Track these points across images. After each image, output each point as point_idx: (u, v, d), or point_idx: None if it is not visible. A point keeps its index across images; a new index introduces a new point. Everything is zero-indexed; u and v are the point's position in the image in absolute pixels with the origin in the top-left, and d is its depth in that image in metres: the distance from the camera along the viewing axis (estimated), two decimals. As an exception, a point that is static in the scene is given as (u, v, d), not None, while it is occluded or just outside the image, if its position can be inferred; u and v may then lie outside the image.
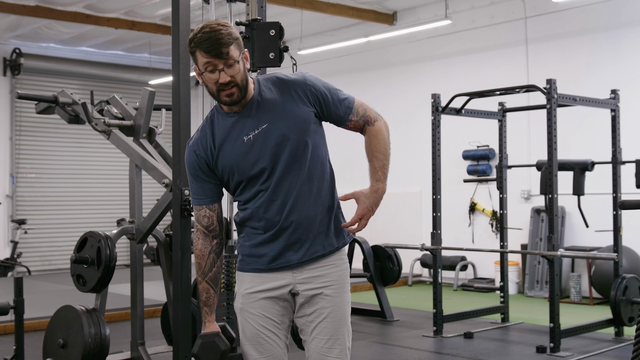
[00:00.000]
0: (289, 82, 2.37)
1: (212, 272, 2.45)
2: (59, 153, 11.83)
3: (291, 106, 2.34)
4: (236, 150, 2.33)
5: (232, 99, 2.29)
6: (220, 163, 2.36)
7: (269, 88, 2.37)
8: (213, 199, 2.43)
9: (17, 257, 10.68)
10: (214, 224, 2.44)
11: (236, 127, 2.34)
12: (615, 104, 6.02)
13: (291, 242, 2.35)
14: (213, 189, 2.42)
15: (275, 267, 2.37)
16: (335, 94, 2.42)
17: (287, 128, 2.32)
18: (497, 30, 9.19)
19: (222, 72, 2.24)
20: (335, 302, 2.40)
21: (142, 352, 4.54)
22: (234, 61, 2.25)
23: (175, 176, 3.91)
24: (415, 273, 9.65)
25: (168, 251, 4.36)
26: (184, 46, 3.83)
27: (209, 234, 2.44)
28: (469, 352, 5.47)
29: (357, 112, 2.43)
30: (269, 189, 2.34)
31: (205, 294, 2.46)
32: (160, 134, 4.78)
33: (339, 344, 2.38)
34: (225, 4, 4.59)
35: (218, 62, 2.23)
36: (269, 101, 2.34)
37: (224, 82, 2.25)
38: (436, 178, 6.22)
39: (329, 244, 2.40)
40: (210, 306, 2.45)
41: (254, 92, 2.35)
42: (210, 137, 2.37)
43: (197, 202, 2.43)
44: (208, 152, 2.37)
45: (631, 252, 7.43)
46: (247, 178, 2.35)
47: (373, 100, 10.52)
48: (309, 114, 2.36)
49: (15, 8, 9.26)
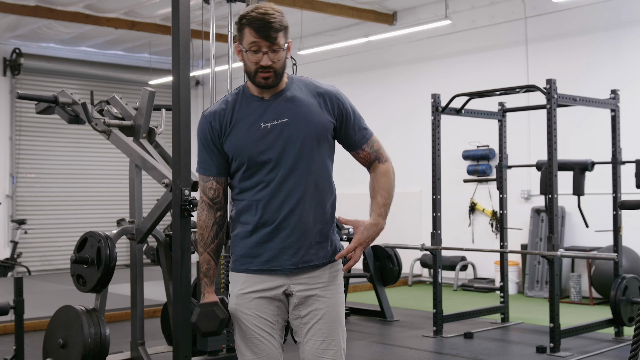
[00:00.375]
0: (321, 89, 2.41)
1: (214, 244, 2.45)
2: (59, 153, 11.84)
3: (316, 111, 2.36)
4: (250, 133, 2.34)
5: (267, 83, 2.31)
6: (230, 141, 2.36)
7: (300, 87, 2.40)
8: (220, 172, 2.42)
9: (17, 257, 10.68)
10: (219, 197, 2.44)
11: (257, 112, 2.36)
12: (615, 104, 6.02)
13: (286, 246, 2.34)
14: (222, 162, 2.41)
15: (268, 269, 2.36)
16: (358, 119, 2.46)
17: (305, 129, 2.33)
18: (497, 30, 9.19)
19: (266, 55, 2.28)
20: (330, 304, 2.38)
21: (142, 352, 4.53)
22: (279, 48, 2.28)
23: (175, 176, 3.91)
24: (415, 273, 9.65)
25: (168, 251, 4.35)
26: (184, 46, 3.83)
27: (214, 206, 2.44)
28: (469, 352, 5.47)
29: (371, 145, 2.46)
30: (272, 184, 2.33)
31: (206, 265, 2.46)
32: (160, 134, 4.77)
33: (333, 345, 2.37)
34: (225, 4, 4.59)
35: (264, 45, 2.27)
36: (297, 99, 2.37)
37: (264, 65, 2.28)
38: (436, 178, 6.22)
39: (324, 256, 2.40)
40: (210, 277, 2.46)
41: (285, 85, 2.38)
42: (229, 112, 2.38)
43: (204, 171, 2.43)
44: (223, 125, 2.38)
45: (631, 252, 7.43)
46: (250, 164, 2.34)
47: (373, 100, 10.59)
48: (329, 124, 2.38)
49: (15, 8, 9.25)
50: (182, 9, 3.86)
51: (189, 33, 3.88)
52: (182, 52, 3.84)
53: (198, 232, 2.48)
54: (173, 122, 3.91)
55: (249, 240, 2.38)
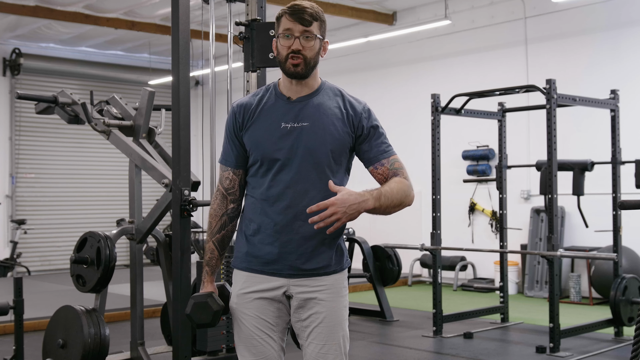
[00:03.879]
0: (348, 101, 2.40)
1: (220, 234, 2.45)
2: (58, 153, 11.84)
3: (338, 122, 2.35)
4: (270, 130, 2.34)
5: (296, 70, 2.31)
6: (249, 134, 2.37)
7: (329, 96, 2.40)
8: (238, 164, 2.43)
9: (16, 257, 10.68)
10: (234, 188, 2.44)
11: (281, 110, 2.36)
12: (615, 104, 6.03)
13: (287, 251, 2.32)
14: (241, 154, 2.42)
15: (269, 271, 2.36)
16: (382, 136, 2.41)
17: (322, 138, 2.32)
18: (497, 30, 9.19)
19: (297, 39, 2.29)
20: (331, 307, 2.36)
21: (141, 352, 4.54)
22: (313, 35, 2.30)
23: (174, 176, 3.91)
24: (415, 273, 9.65)
25: (168, 251, 4.36)
26: (183, 46, 3.84)
27: (228, 196, 2.44)
28: (468, 352, 5.47)
29: (392, 163, 2.38)
30: (280, 185, 2.32)
31: (210, 254, 2.45)
32: (160, 134, 4.78)
33: (335, 349, 2.36)
34: (225, 4, 4.58)
35: (297, 29, 2.29)
36: (323, 106, 2.37)
37: (295, 49, 2.29)
38: (436, 178, 6.22)
39: (327, 265, 2.36)
40: (212, 267, 2.45)
41: (315, 90, 2.39)
42: (255, 107, 2.39)
43: (224, 162, 2.45)
44: (246, 118, 2.39)
45: (631, 252, 7.43)
46: (263, 162, 2.35)
47: (373, 100, 10.50)
48: (347, 138, 2.36)
49: (15, 8, 9.26)
50: (182, 9, 3.86)
51: (188, 33, 3.89)
52: (182, 52, 3.84)
53: (208, 219, 2.48)
54: (173, 122, 3.92)
55: (252, 238, 2.38)
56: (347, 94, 2.44)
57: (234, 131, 2.41)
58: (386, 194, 2.28)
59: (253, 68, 4.16)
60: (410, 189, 2.35)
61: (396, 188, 2.31)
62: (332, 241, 2.36)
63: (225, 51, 4.72)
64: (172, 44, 3.90)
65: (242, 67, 4.32)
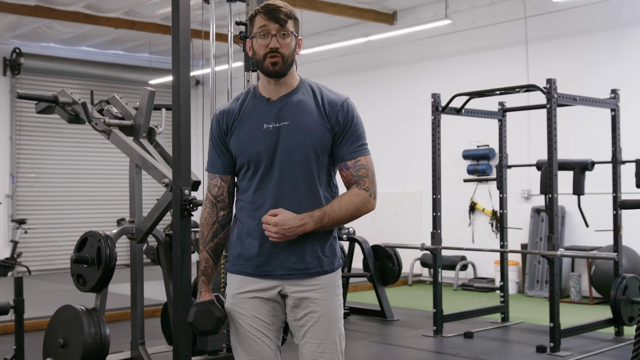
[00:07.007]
0: (326, 95, 2.39)
1: (212, 243, 2.45)
2: (59, 153, 11.84)
3: (317, 119, 2.35)
4: (252, 133, 2.35)
5: (275, 68, 2.32)
6: (234, 139, 2.39)
7: (308, 92, 2.40)
8: (226, 171, 2.44)
9: (17, 257, 10.69)
10: (223, 195, 2.44)
11: (261, 112, 2.37)
12: (615, 103, 6.02)
13: (277, 252, 2.32)
14: (228, 160, 2.43)
15: (260, 273, 2.36)
16: (356, 133, 2.37)
17: (304, 136, 2.32)
18: (497, 30, 9.18)
19: (274, 37, 2.30)
20: (326, 306, 2.36)
21: (142, 352, 4.54)
22: (289, 33, 2.32)
23: (175, 176, 3.91)
24: (415, 273, 9.65)
25: (168, 251, 4.36)
26: (184, 46, 3.84)
27: (217, 204, 2.45)
28: (469, 352, 5.47)
29: (357, 168, 2.35)
30: (266, 187, 2.34)
31: (204, 264, 2.46)
32: (160, 133, 4.77)
33: (330, 348, 2.36)
34: (225, 4, 4.59)
35: (273, 27, 2.30)
36: (303, 104, 2.36)
37: (273, 48, 2.30)
38: (436, 178, 6.22)
39: (318, 265, 2.36)
40: (208, 276, 2.46)
41: (294, 88, 2.39)
42: (237, 112, 2.41)
43: (211, 169, 2.46)
44: (229, 124, 2.41)
45: (631, 252, 7.43)
46: (249, 165, 2.35)
47: (373, 100, 10.58)
48: (328, 134, 2.35)
49: (15, 8, 9.26)
50: (182, 9, 3.86)
51: (189, 33, 3.89)
52: (182, 52, 3.84)
53: (199, 229, 2.49)
54: (173, 122, 3.91)
55: (243, 241, 2.39)
56: (325, 89, 2.43)
57: (219, 138, 2.42)
58: (330, 214, 2.30)
59: (253, 68, 4.16)
60: (366, 200, 2.34)
61: (345, 204, 2.32)
62: (322, 241, 2.37)
63: (225, 51, 4.72)
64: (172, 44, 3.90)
65: (242, 66, 4.32)
